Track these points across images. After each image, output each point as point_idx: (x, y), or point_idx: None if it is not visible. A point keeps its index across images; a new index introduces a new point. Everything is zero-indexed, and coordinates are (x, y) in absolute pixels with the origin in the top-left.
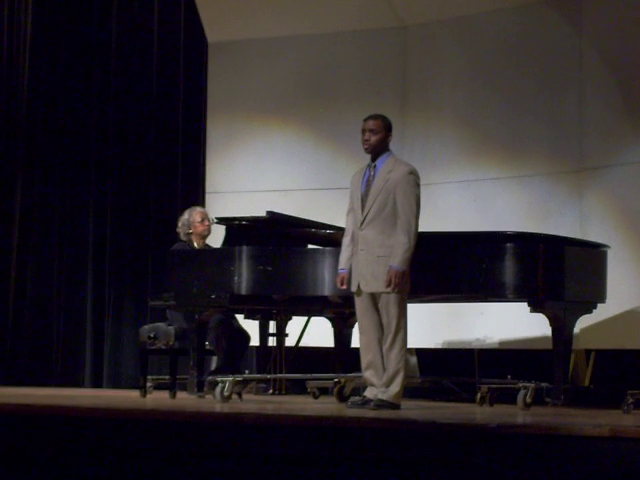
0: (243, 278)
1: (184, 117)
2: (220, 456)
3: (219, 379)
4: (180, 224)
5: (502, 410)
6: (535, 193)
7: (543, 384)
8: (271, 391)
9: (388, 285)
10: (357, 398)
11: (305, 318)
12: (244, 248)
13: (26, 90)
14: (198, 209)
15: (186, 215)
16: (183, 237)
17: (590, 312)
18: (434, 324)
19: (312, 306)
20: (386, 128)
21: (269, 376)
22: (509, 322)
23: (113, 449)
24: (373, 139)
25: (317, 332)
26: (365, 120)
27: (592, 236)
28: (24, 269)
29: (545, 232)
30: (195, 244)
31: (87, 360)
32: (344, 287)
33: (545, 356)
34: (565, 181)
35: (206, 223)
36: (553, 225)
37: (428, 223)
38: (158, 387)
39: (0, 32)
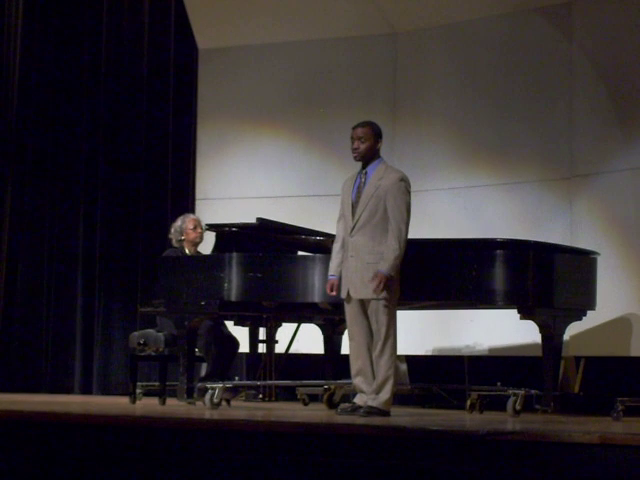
0: (233, 285)
1: (174, 124)
2: (210, 463)
3: (209, 386)
4: (172, 230)
5: (492, 417)
6: (525, 200)
7: (533, 391)
8: (261, 397)
9: (375, 289)
10: (347, 405)
11: (295, 325)
12: (234, 255)
13: (16, 96)
14: (191, 216)
15: (179, 222)
16: (175, 244)
17: (580, 319)
18: (424, 331)
19: (302, 313)
20: (375, 135)
21: (259, 383)
22: (499, 329)
23: (103, 455)
24: (362, 147)
25: (307, 339)
26: (354, 128)
27: (582, 243)
28: (14, 275)
29: (535, 239)
30: (187, 251)
31: (77, 366)
32: (334, 294)
33: (535, 363)
34: (555, 188)
35: (198, 230)
36: (543, 232)
37: (418, 230)
38: (148, 393)
39: None
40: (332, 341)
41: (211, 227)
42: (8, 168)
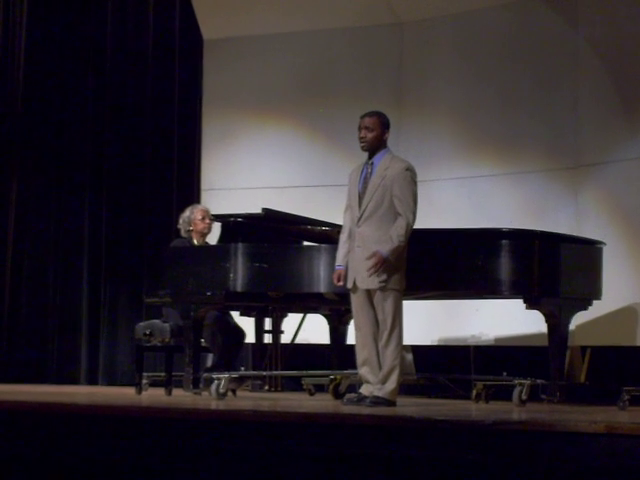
0: (239, 275)
1: (179, 114)
2: (216, 453)
3: (215, 376)
4: (181, 221)
5: (498, 407)
6: (531, 190)
7: (539, 381)
8: (267, 388)
9: (370, 268)
10: (353, 395)
11: (301, 315)
12: (240, 245)
13: (22, 88)
14: (199, 207)
15: (187, 212)
16: (183, 234)
17: (586, 309)
18: (430, 321)
19: (308, 303)
20: (382, 125)
21: (265, 373)
22: (505, 319)
23: (109, 446)
24: (369, 136)
25: (313, 329)
26: (361, 117)
27: (588, 233)
28: (19, 266)
29: (540, 229)
30: (195, 241)
31: (83, 357)
32: (340, 284)
33: (541, 353)
34: (561, 178)
35: (207, 221)
36: (549, 222)
37: (424, 220)
38: (154, 384)
39: None
40: (338, 331)
41: (216, 217)
42: (13, 157)
